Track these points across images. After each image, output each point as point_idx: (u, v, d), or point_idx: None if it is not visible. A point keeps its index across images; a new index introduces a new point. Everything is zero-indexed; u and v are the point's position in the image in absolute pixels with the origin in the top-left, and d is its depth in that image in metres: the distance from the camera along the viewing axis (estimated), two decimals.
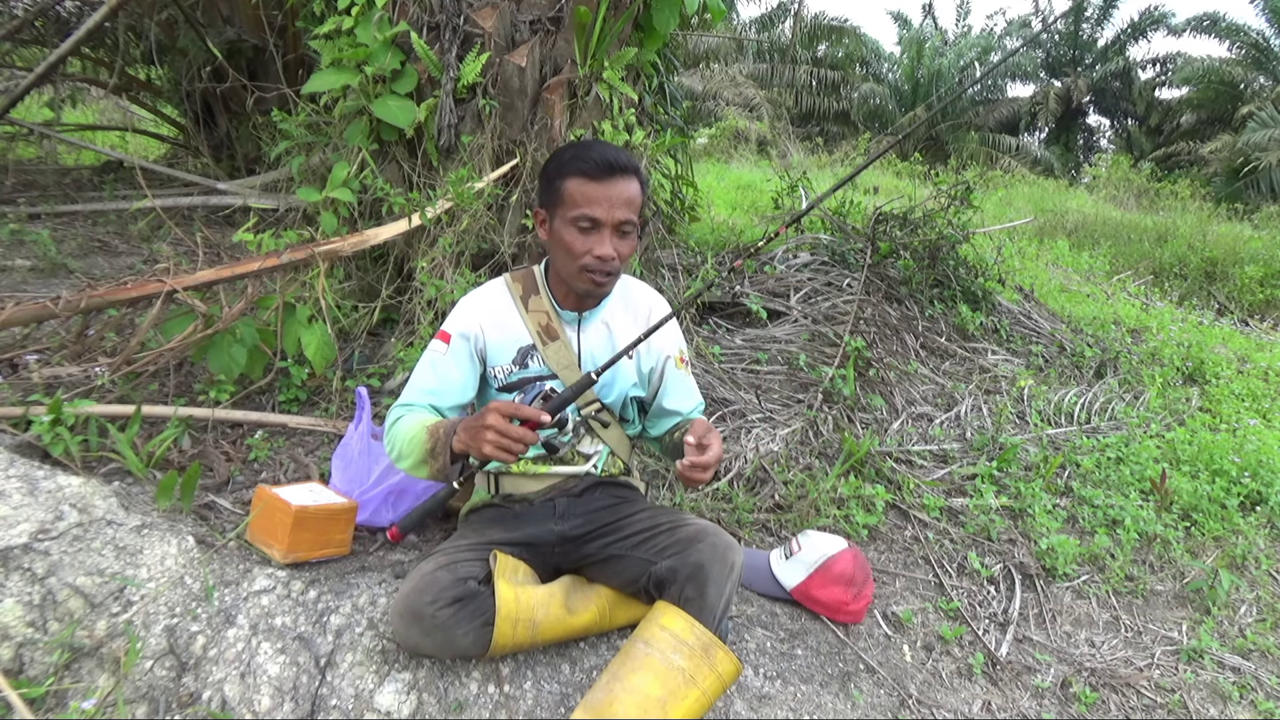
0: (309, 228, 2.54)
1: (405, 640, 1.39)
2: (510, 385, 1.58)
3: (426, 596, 1.34)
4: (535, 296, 1.58)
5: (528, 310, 1.57)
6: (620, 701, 1.30)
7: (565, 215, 1.45)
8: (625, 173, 1.44)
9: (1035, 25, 23.16)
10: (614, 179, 1.43)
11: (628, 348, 1.42)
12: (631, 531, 1.55)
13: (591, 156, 1.43)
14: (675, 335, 1.69)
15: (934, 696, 1.71)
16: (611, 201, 1.43)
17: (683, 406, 1.69)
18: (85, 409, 1.91)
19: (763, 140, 14.93)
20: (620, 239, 1.46)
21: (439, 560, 1.43)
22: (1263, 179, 14.17)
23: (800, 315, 3.31)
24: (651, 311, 1.64)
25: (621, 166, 1.44)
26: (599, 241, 1.44)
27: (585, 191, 1.43)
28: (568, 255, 1.47)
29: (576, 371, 1.56)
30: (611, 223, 1.44)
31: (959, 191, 3.97)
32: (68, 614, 1.37)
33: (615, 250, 1.45)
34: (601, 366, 1.37)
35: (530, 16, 2.65)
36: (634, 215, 1.46)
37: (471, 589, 1.38)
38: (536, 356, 1.56)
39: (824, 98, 19.86)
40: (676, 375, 1.66)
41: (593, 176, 1.43)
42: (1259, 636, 2.05)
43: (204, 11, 4.48)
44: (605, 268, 1.45)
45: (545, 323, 1.57)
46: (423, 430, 1.40)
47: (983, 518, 2.34)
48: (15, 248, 3.47)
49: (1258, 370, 3.94)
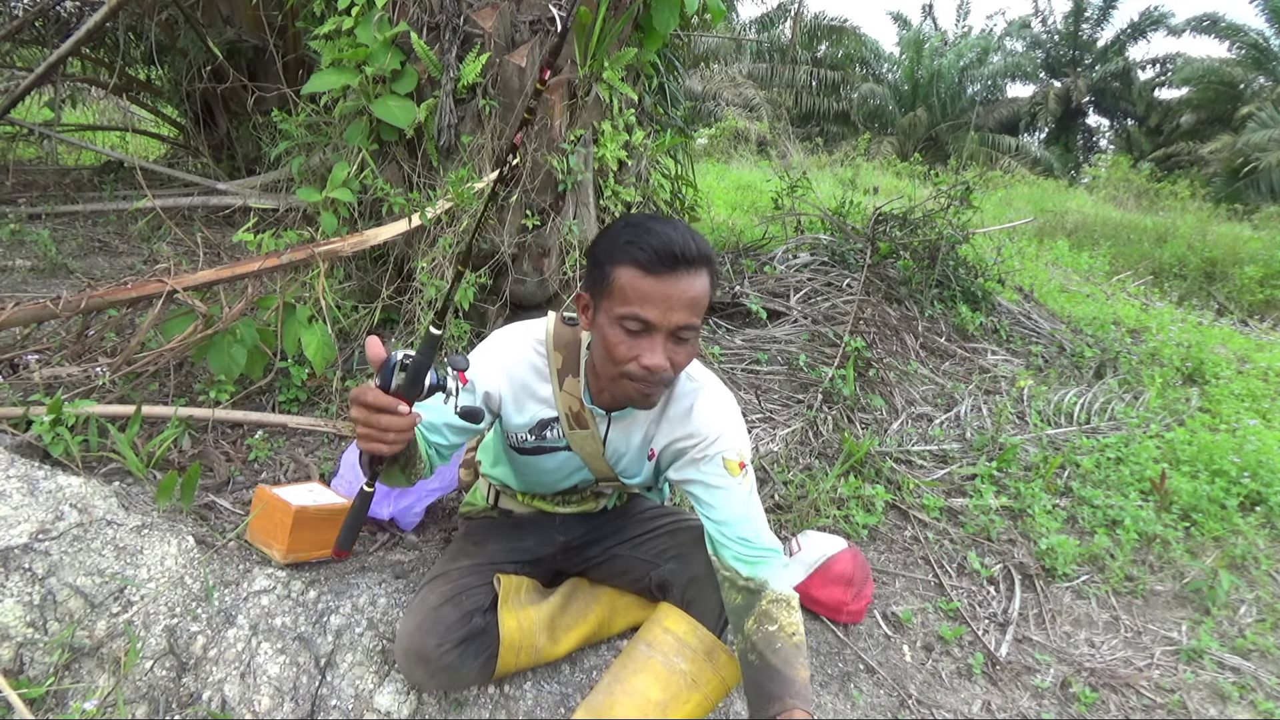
0: (309, 228, 2.54)
1: (410, 678, 1.37)
2: (525, 450, 1.41)
3: (432, 640, 1.31)
4: (572, 378, 1.33)
5: (562, 389, 1.33)
6: (620, 704, 1.30)
7: (611, 310, 1.16)
8: (692, 266, 1.13)
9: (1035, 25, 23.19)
10: (677, 274, 1.12)
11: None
12: (634, 533, 1.54)
13: (651, 244, 1.12)
14: (724, 434, 1.32)
15: (934, 696, 1.71)
16: (670, 302, 1.13)
17: (733, 518, 1.29)
18: (85, 409, 1.91)
19: (763, 140, 14.92)
20: (677, 345, 1.17)
21: (443, 590, 1.38)
22: (1262, 179, 14.16)
23: (800, 315, 3.31)
24: (693, 411, 1.33)
25: (689, 259, 1.13)
26: (649, 349, 1.15)
27: (639, 286, 1.13)
28: (609, 358, 1.18)
29: (600, 461, 1.38)
30: (668, 327, 1.14)
31: (959, 192, 3.97)
32: (68, 614, 1.37)
33: (669, 359, 1.16)
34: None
35: (530, 16, 2.65)
36: (697, 319, 1.16)
37: (477, 626, 1.34)
38: (557, 429, 1.37)
39: (824, 98, 19.85)
40: (726, 483, 1.29)
41: (650, 269, 1.12)
42: (1259, 636, 2.05)
43: (204, 11, 4.48)
44: (654, 380, 1.17)
45: (577, 410, 1.34)
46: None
47: (983, 518, 2.34)
48: (15, 248, 3.47)
49: (1257, 370, 3.93)
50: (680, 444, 1.33)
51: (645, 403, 1.23)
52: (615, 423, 1.35)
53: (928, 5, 23.11)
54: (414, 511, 1.90)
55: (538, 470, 1.45)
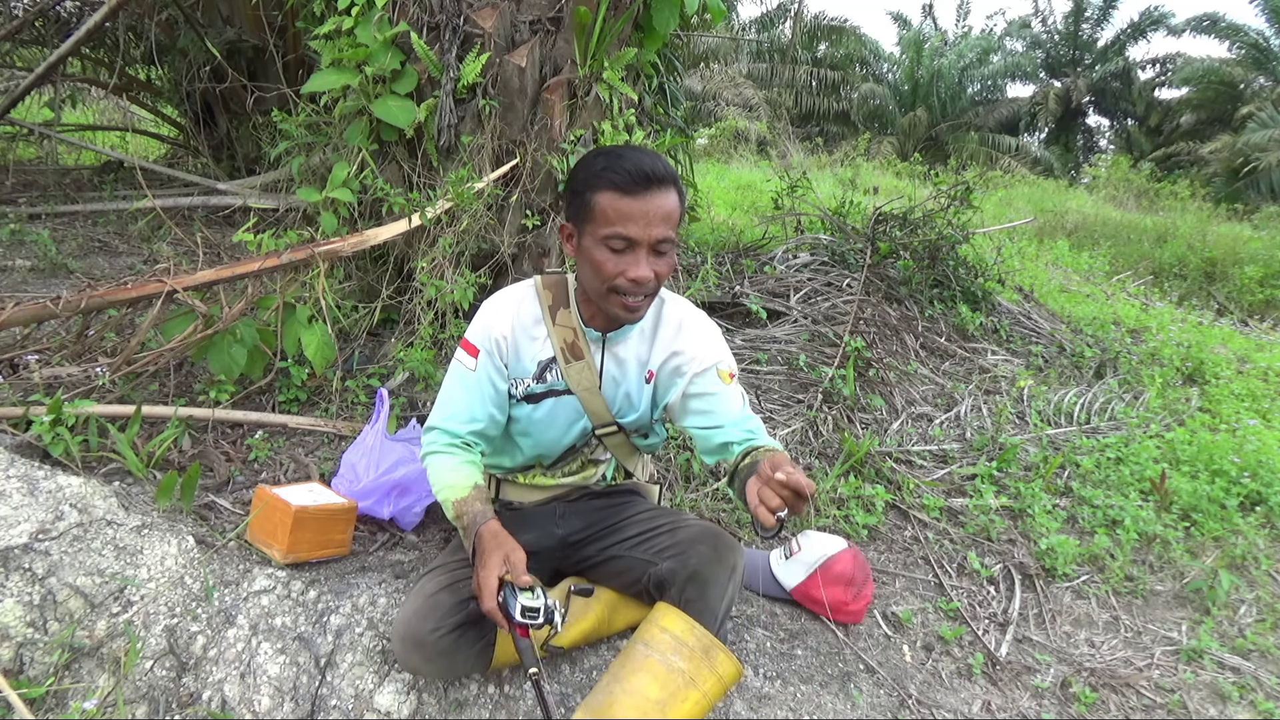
0: (309, 228, 2.54)
1: (406, 664, 1.37)
2: (529, 397, 1.49)
3: (429, 624, 1.32)
4: (564, 310, 1.46)
5: (555, 324, 1.45)
6: (620, 703, 1.30)
7: (595, 233, 1.30)
8: (663, 184, 1.28)
9: (1035, 25, 23.19)
10: (650, 192, 1.27)
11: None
12: (632, 533, 1.54)
13: (625, 167, 1.26)
14: (714, 347, 1.48)
15: (934, 696, 1.71)
16: (648, 218, 1.27)
17: (733, 420, 1.42)
18: (85, 409, 1.91)
19: (762, 140, 14.93)
20: (657, 258, 1.31)
21: (440, 579, 1.40)
22: (1262, 179, 14.17)
23: (800, 315, 3.31)
24: (680, 331, 1.47)
25: (659, 177, 1.27)
26: (634, 262, 1.29)
27: (618, 207, 1.27)
28: (597, 276, 1.32)
29: (596, 394, 1.47)
30: (648, 241, 1.28)
31: (959, 192, 3.97)
32: (68, 614, 1.37)
33: (652, 270, 1.30)
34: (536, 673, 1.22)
35: (530, 16, 2.65)
36: (672, 231, 1.31)
37: (474, 612, 1.35)
38: (555, 370, 1.46)
39: (824, 98, 19.86)
40: (722, 389, 1.44)
41: (626, 190, 1.26)
42: (1259, 636, 2.05)
43: (204, 11, 4.48)
44: (641, 290, 1.31)
45: (571, 340, 1.45)
46: (452, 503, 1.37)
47: (983, 518, 2.34)
48: (15, 248, 3.47)
49: (1257, 370, 3.93)
50: (676, 360, 1.46)
51: (633, 316, 1.36)
52: (609, 346, 1.46)
53: (928, 5, 23.12)
54: (414, 511, 1.91)
55: (540, 427, 1.51)
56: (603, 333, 1.45)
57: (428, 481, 1.89)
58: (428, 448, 1.47)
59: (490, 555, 1.25)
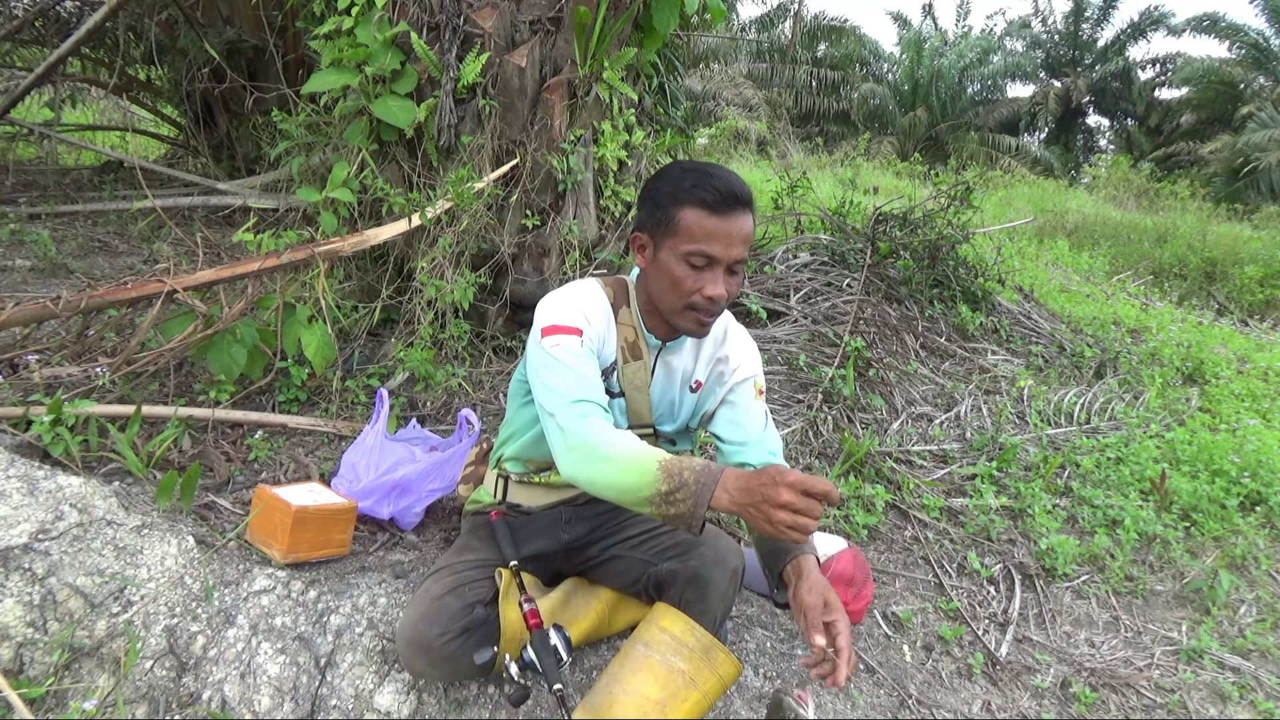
0: (309, 228, 2.54)
1: (410, 668, 1.37)
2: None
3: (435, 628, 1.32)
4: (625, 309, 1.45)
5: (618, 322, 1.44)
6: (620, 703, 1.30)
7: (677, 248, 1.30)
8: (747, 206, 1.31)
9: (1035, 25, 23.18)
10: (736, 212, 1.29)
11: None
12: (633, 533, 1.54)
13: (715, 185, 1.28)
14: (754, 359, 1.53)
15: (934, 696, 1.71)
16: (731, 238, 1.29)
17: (755, 439, 1.47)
18: (85, 409, 1.91)
19: (762, 140, 14.93)
20: (730, 277, 1.33)
21: (446, 582, 1.40)
22: (1262, 179, 14.16)
23: (800, 315, 3.31)
24: (725, 340, 1.51)
25: (745, 199, 1.30)
26: (712, 280, 1.30)
27: (705, 225, 1.28)
28: (673, 291, 1.32)
29: (645, 394, 1.46)
30: (727, 260, 1.30)
31: (959, 192, 3.97)
32: (68, 614, 1.37)
33: (726, 290, 1.32)
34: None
35: (530, 16, 2.65)
36: (747, 252, 1.34)
37: (479, 617, 1.35)
38: (616, 373, 1.44)
39: (824, 98, 19.86)
40: (753, 404, 1.48)
41: (716, 209, 1.28)
42: (1259, 636, 2.05)
43: (204, 11, 4.48)
44: (716, 308, 1.33)
45: (632, 340, 1.44)
46: (654, 463, 1.15)
47: (983, 518, 2.34)
48: (15, 248, 3.47)
49: (1257, 370, 3.93)
50: (720, 367, 1.50)
51: (702, 331, 1.38)
52: (664, 355, 1.47)
53: (928, 5, 23.07)
54: (414, 511, 1.90)
55: None
56: (662, 341, 1.45)
57: (428, 481, 1.91)
58: (581, 417, 1.24)
59: (778, 486, 1.09)
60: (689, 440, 1.62)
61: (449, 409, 2.39)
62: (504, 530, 1.52)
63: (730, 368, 1.49)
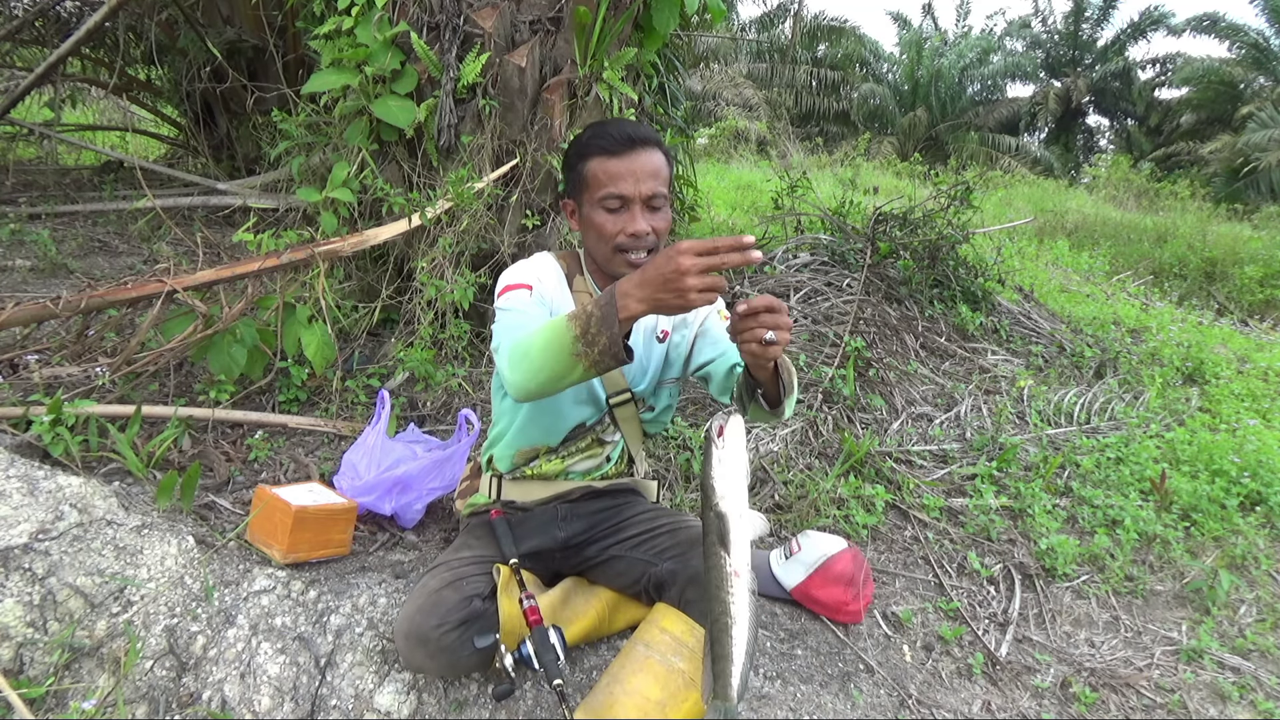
0: (309, 228, 2.55)
1: (410, 661, 1.37)
2: None
3: (432, 620, 1.32)
4: (579, 278, 1.52)
5: (572, 290, 1.51)
6: (620, 704, 1.30)
7: (592, 198, 1.38)
8: (647, 144, 1.38)
9: (1035, 25, 23.18)
10: (636, 151, 1.36)
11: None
12: (632, 533, 1.54)
13: (609, 132, 1.37)
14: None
15: (934, 696, 1.71)
16: (637, 175, 1.36)
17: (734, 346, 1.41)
18: (85, 409, 1.91)
19: (762, 140, 14.93)
20: (652, 213, 1.38)
21: (443, 576, 1.41)
22: (1262, 179, 14.17)
23: (800, 315, 3.31)
24: None
25: (642, 138, 1.38)
26: (630, 219, 1.37)
27: (608, 169, 1.36)
28: (601, 240, 1.39)
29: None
30: (640, 197, 1.36)
31: (959, 192, 3.97)
32: (68, 614, 1.37)
33: (649, 225, 1.37)
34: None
35: (530, 16, 2.65)
36: (663, 187, 1.39)
37: (477, 609, 1.36)
38: None
39: (824, 98, 19.86)
40: (722, 323, 1.52)
41: (614, 152, 1.36)
42: (1259, 636, 2.05)
43: (204, 11, 4.49)
44: (640, 244, 1.37)
45: None
46: (562, 319, 1.16)
47: (983, 518, 2.34)
48: (15, 248, 3.47)
49: (1257, 370, 3.93)
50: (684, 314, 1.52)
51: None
52: None
53: (928, 5, 23.08)
54: (415, 508, 1.91)
55: (556, 398, 1.45)
56: None
57: (429, 479, 1.91)
58: (503, 353, 1.29)
59: (675, 256, 1.06)
60: (668, 396, 1.64)
61: (449, 409, 2.39)
62: (503, 528, 1.53)
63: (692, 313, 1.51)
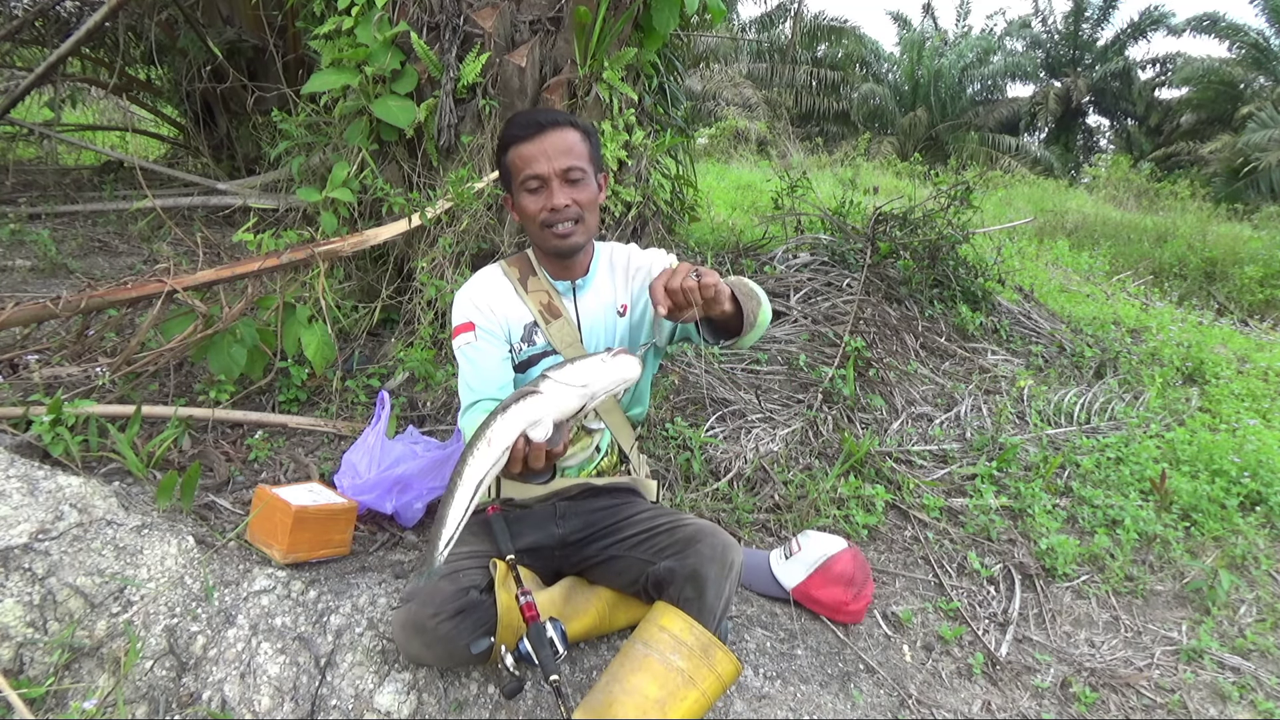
0: (309, 228, 2.55)
1: (408, 652, 1.38)
2: (521, 365, 1.57)
3: (429, 609, 1.33)
4: (533, 277, 1.60)
5: (528, 292, 1.58)
6: (619, 702, 1.30)
7: (517, 185, 1.48)
8: (556, 125, 1.46)
9: (1035, 25, 23.18)
10: (545, 132, 1.45)
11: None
12: (631, 532, 1.54)
13: (519, 121, 1.48)
14: (661, 253, 1.67)
15: (934, 696, 1.71)
16: (548, 153, 1.44)
17: None
18: (85, 409, 1.91)
19: (762, 140, 14.93)
20: (571, 186, 1.46)
21: (440, 569, 1.42)
22: (1263, 179, 14.17)
23: (800, 315, 3.31)
24: (630, 259, 1.63)
25: (551, 120, 1.46)
26: (549, 195, 1.45)
27: (523, 154, 1.46)
28: (530, 220, 1.49)
29: (579, 347, 1.56)
30: (555, 173, 1.45)
31: (959, 192, 3.97)
32: (68, 614, 1.37)
33: (569, 198, 1.45)
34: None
35: (530, 16, 2.65)
36: (579, 161, 1.46)
37: (473, 600, 1.37)
38: (540, 332, 1.57)
39: (824, 98, 19.86)
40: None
41: (525, 137, 1.45)
42: (1259, 636, 2.05)
43: (204, 11, 4.49)
44: (562, 217, 1.46)
45: (547, 301, 1.57)
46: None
47: (983, 518, 2.34)
48: (15, 248, 3.47)
49: (1258, 370, 3.93)
50: (635, 277, 1.61)
51: (566, 243, 1.49)
52: (580, 295, 1.59)
53: (928, 5, 23.08)
54: (415, 507, 1.91)
55: None
56: (571, 281, 1.58)
57: (429, 479, 1.91)
58: (466, 416, 1.50)
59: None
60: (642, 396, 1.70)
61: (449, 409, 2.39)
62: (500, 524, 1.53)
63: (645, 270, 1.61)
